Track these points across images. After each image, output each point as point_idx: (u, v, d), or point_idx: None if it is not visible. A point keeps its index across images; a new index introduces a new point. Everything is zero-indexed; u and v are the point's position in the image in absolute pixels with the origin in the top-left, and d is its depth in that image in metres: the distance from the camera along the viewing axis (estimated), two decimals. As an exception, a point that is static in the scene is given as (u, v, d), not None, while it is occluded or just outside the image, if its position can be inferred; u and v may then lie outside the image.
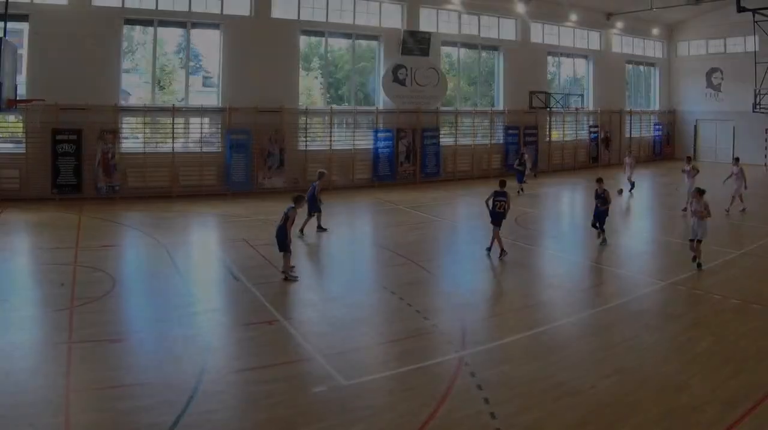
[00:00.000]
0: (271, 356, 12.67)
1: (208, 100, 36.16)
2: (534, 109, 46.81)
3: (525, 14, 46.12)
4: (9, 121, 32.39)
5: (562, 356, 12.88)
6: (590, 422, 10.14)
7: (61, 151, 30.95)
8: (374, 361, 12.88)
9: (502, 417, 10.19)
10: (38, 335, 13.67)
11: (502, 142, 45.75)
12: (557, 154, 49.28)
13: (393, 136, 40.10)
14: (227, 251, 21.85)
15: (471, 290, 18.18)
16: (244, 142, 34.90)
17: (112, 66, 32.68)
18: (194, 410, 10.26)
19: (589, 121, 51.65)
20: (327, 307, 16.15)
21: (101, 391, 10.90)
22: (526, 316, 15.50)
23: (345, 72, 42.24)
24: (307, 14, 37.89)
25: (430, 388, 11.28)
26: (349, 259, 22.24)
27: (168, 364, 12.22)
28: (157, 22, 34.09)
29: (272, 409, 10.44)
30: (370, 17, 40.24)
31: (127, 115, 33.73)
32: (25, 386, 10.88)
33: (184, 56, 35.95)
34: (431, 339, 13.92)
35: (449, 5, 42.94)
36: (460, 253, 22.80)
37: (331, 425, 10.01)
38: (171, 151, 33.81)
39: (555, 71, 50.97)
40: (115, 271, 18.87)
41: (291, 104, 36.84)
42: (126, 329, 14.37)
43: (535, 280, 19.33)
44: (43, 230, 25.03)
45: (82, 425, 9.78)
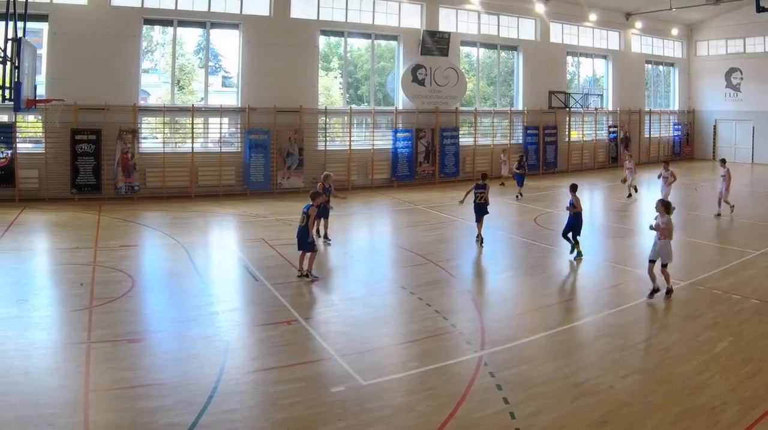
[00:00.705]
0: (290, 356, 12.52)
1: (227, 100, 35.84)
2: (553, 109, 46.19)
3: (544, 14, 45.42)
4: (28, 121, 32.19)
5: (581, 356, 12.82)
6: (609, 422, 10.02)
7: (80, 151, 30.55)
8: (393, 361, 12.72)
9: (521, 417, 10.10)
10: (57, 335, 13.49)
11: (522, 142, 45.20)
12: (576, 154, 48.46)
13: (412, 136, 39.47)
14: (246, 251, 21.54)
15: (490, 290, 18.09)
16: (263, 142, 34.44)
17: (132, 66, 32.33)
18: (213, 410, 10.19)
19: (609, 121, 50.84)
20: (346, 307, 15.92)
21: (120, 391, 10.80)
22: (545, 316, 15.32)
23: (364, 72, 41.80)
24: (326, 14, 37.39)
25: (449, 388, 11.16)
26: (368, 259, 21.82)
27: (187, 364, 12.07)
28: (176, 22, 33.73)
29: (291, 409, 10.34)
30: (390, 17, 39.68)
31: (147, 115, 33.49)
32: (44, 386, 10.80)
33: (204, 56, 35.60)
34: (450, 339, 13.75)
35: (468, 5, 42.30)
36: (479, 253, 22.31)
37: (350, 425, 9.91)
38: (190, 151, 33.41)
39: (574, 71, 50.26)
40: (134, 271, 18.68)
41: (310, 104, 36.40)
42: (145, 329, 14.19)
43: (553, 280, 18.96)
44: (62, 230, 24.74)
45: (101, 425, 9.68)
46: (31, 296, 16.05)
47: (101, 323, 13.96)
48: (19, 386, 10.73)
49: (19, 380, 11.00)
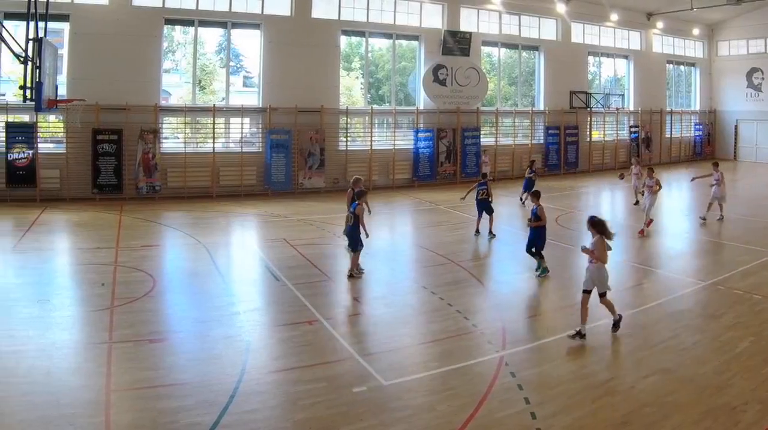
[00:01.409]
0: (312, 356, 12.38)
1: (248, 100, 35.45)
2: (574, 109, 45.39)
3: (565, 14, 44.66)
4: (49, 121, 31.88)
5: (602, 356, 12.75)
6: (630, 422, 9.90)
7: (101, 151, 30.22)
8: (414, 361, 12.54)
9: (542, 417, 10.01)
10: (79, 335, 13.30)
11: (543, 142, 44.49)
12: (597, 154, 47.72)
13: (433, 136, 38.88)
14: (267, 251, 21.16)
15: (511, 290, 17.66)
16: (285, 142, 33.98)
17: (153, 66, 31.96)
18: (234, 410, 10.12)
19: (630, 121, 50.07)
20: (367, 307, 15.82)
21: (141, 391, 10.72)
22: (566, 316, 14.96)
23: (385, 72, 41.22)
24: (347, 14, 36.90)
25: (470, 388, 11.04)
26: (390, 259, 21.14)
27: (208, 364, 11.94)
28: (197, 22, 33.34)
29: (312, 409, 10.25)
30: (411, 17, 39.10)
31: (168, 115, 33.08)
32: (66, 386, 10.73)
33: (225, 56, 35.13)
34: (471, 339, 13.58)
35: (490, 5, 41.62)
36: (500, 253, 22.05)
37: (372, 425, 9.82)
38: (211, 151, 33.02)
39: (595, 71, 49.48)
40: (156, 271, 18.45)
41: (331, 104, 35.91)
42: (166, 329, 14.04)
43: (575, 280, 17.96)
44: (83, 230, 24.45)
45: (122, 425, 9.63)
46: (53, 295, 15.86)
47: (122, 323, 13.82)
48: (40, 386, 10.63)
49: (40, 380, 10.88)
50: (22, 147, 29.01)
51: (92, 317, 14.32)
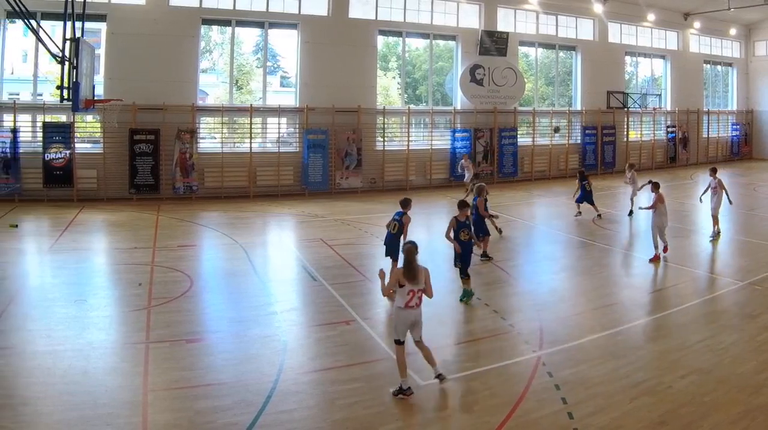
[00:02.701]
0: (349, 356, 12.12)
1: (285, 99, 34.72)
2: (611, 109, 43.82)
3: (603, 14, 43.17)
4: (87, 121, 31.49)
5: (639, 356, 12.22)
6: (667, 422, 9.61)
7: (138, 151, 29.61)
8: (451, 361, 12.04)
9: (579, 417, 9.73)
10: (116, 335, 13.02)
11: (580, 142, 43.03)
12: (635, 154, 45.76)
13: (470, 136, 37.79)
14: (304, 251, 20.62)
15: (548, 290, 17.06)
16: (322, 142, 33.13)
17: (190, 66, 31.33)
18: (271, 410, 9.89)
19: (667, 121, 48.46)
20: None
21: (178, 391, 10.50)
22: (603, 316, 14.62)
23: (422, 72, 40.15)
24: (384, 14, 35.96)
25: (507, 388, 10.80)
26: (426, 259, 19.86)
27: (245, 364, 11.67)
28: (234, 22, 32.75)
29: (349, 409, 10.01)
30: (448, 17, 38.02)
31: (205, 115, 32.55)
32: (103, 386, 10.51)
33: (262, 56, 34.47)
34: (508, 339, 13.23)
35: (527, 5, 40.34)
36: (537, 253, 21.49)
37: (408, 425, 9.71)
38: (248, 151, 32.21)
39: (632, 71, 47.88)
40: (192, 271, 18.08)
41: (368, 104, 34.96)
42: (203, 329, 13.73)
43: (612, 280, 18.11)
44: (120, 230, 23.93)
45: (159, 425, 9.40)
46: (90, 296, 15.57)
47: (159, 323, 13.57)
48: (77, 386, 10.43)
49: (77, 380, 10.69)
50: (59, 147, 28.50)
51: (129, 317, 14.03)
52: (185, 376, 11.04)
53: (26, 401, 9.98)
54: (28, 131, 29.21)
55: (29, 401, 9.97)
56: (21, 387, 10.51)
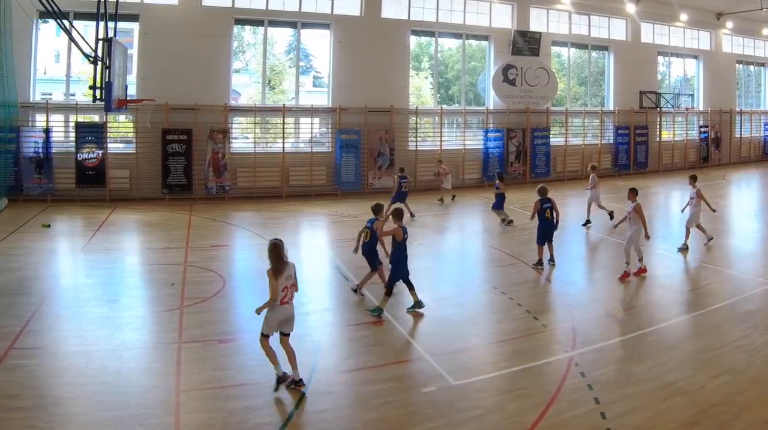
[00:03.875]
0: (381, 356, 11.84)
1: (318, 99, 33.87)
2: (644, 109, 42.24)
3: (635, 14, 41.56)
4: (119, 121, 30.80)
5: (672, 356, 11.83)
6: (700, 422, 9.36)
7: (171, 151, 28.88)
8: (484, 361, 11.91)
9: (611, 417, 9.47)
10: (148, 335, 12.76)
11: (612, 142, 41.47)
12: (667, 154, 44.55)
13: (503, 136, 36.54)
14: (337, 251, 20.03)
15: (581, 290, 16.86)
16: (354, 142, 32.22)
17: (222, 66, 30.54)
18: (304, 409, 9.72)
19: (699, 121, 46.68)
20: (437, 307, 14.63)
21: (211, 391, 10.27)
22: (636, 316, 14.27)
23: (455, 72, 38.69)
24: (417, 14, 34.83)
25: (539, 388, 10.51)
26: (459, 259, 20.34)
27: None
28: (267, 22, 31.86)
29: (382, 409, 9.79)
30: (480, 17, 36.73)
31: (237, 114, 31.64)
32: (136, 386, 10.32)
33: (295, 56, 33.49)
34: (541, 339, 12.86)
35: (559, 5, 38.87)
36: (570, 253, 20.55)
37: (441, 425, 9.35)
38: (281, 151, 31.35)
39: (665, 71, 46.21)
40: (225, 271, 17.65)
41: (401, 104, 33.94)
42: (236, 329, 13.31)
43: (644, 280, 17.24)
44: (153, 229, 23.43)
45: (191, 426, 9.21)
46: (122, 296, 15.25)
47: (192, 323, 13.26)
48: (110, 387, 10.18)
49: (110, 380, 10.43)
50: (92, 147, 27.94)
51: (162, 317, 13.76)
52: (218, 376, 10.79)
53: (58, 401, 9.74)
54: (61, 131, 28.57)
55: (61, 401, 9.74)
56: (53, 387, 10.26)
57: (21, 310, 13.61)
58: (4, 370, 10.63)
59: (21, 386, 10.08)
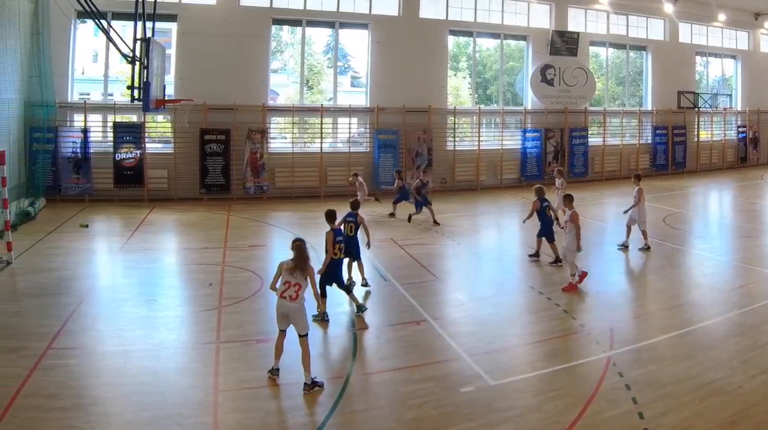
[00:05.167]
0: (419, 356, 11.52)
1: (356, 99, 32.42)
2: (682, 109, 40.18)
3: (673, 14, 39.41)
4: (157, 121, 29.76)
5: (710, 356, 11.46)
6: (738, 422, 9.06)
7: (209, 151, 27.79)
8: (522, 361, 11.63)
9: (649, 417, 9.19)
10: (186, 335, 12.49)
11: (651, 142, 39.56)
12: (705, 154, 42.44)
13: (541, 136, 34.88)
14: (375, 251, 18.64)
15: (619, 290, 16.17)
16: (392, 142, 30.86)
17: (260, 66, 29.34)
18: (342, 410, 9.49)
19: (737, 121, 44.43)
20: (474, 307, 14.44)
21: (249, 391, 10.03)
22: (674, 316, 13.83)
23: (493, 72, 36.97)
24: (455, 14, 33.26)
25: (577, 388, 10.24)
26: (497, 259, 19.61)
27: (316, 364, 10.73)
28: (305, 22, 30.60)
29: (420, 409, 9.55)
30: (519, 17, 35.05)
31: (275, 115, 30.52)
32: (174, 386, 10.10)
33: (332, 56, 32.19)
34: (579, 339, 12.52)
35: (597, 5, 36.92)
36: (608, 253, 19.80)
37: (479, 425, 9.11)
38: (319, 151, 30.16)
39: (703, 71, 44.01)
40: (263, 271, 16.86)
41: (439, 104, 32.44)
42: (273, 329, 12.10)
43: (682, 280, 17.03)
44: (190, 229, 22.71)
45: (229, 425, 9.03)
46: (160, 296, 14.94)
47: (230, 323, 12.95)
48: (148, 387, 9.98)
49: (148, 380, 10.22)
50: (130, 147, 27.03)
51: (200, 317, 13.43)
52: (256, 376, 10.51)
53: (96, 401, 9.54)
54: (99, 131, 27.65)
55: (99, 401, 9.55)
56: (91, 387, 10.04)
57: (59, 310, 13.26)
58: (42, 370, 10.36)
59: (59, 385, 9.81)
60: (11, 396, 9.39)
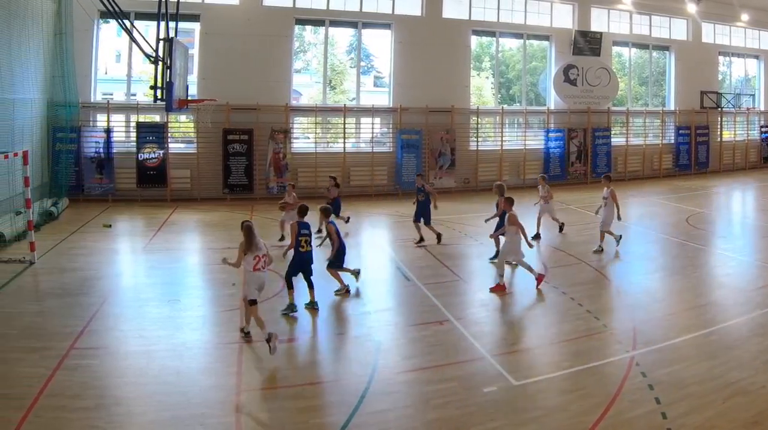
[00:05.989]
0: (442, 356, 11.25)
1: (379, 99, 31.56)
2: (705, 109, 38.96)
3: (696, 14, 38.11)
4: (180, 121, 28.96)
5: (733, 356, 11.10)
6: (761, 422, 8.77)
7: (232, 151, 27.08)
8: (545, 361, 11.31)
9: (672, 417, 8.90)
10: (209, 335, 12.23)
11: (674, 142, 38.28)
12: (728, 154, 41.08)
13: (564, 136, 33.81)
14: (398, 251, 18.97)
15: (642, 289, 15.57)
16: (415, 142, 29.98)
17: (283, 66, 28.58)
18: (365, 410, 9.20)
19: (761, 121, 42.94)
20: (498, 307, 14.12)
21: (271, 391, 9.93)
22: (697, 316, 13.41)
23: (516, 72, 35.94)
24: (478, 14, 32.21)
25: (600, 388, 9.91)
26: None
27: (338, 364, 11.07)
28: (328, 22, 29.73)
29: (443, 409, 9.26)
30: (541, 17, 33.94)
31: (298, 114, 29.67)
32: (196, 386, 9.86)
33: (355, 56, 31.35)
34: (602, 339, 12.16)
35: (620, 5, 35.75)
36: (631, 253, 19.10)
37: (502, 425, 8.83)
38: (342, 151, 29.37)
39: (726, 71, 42.64)
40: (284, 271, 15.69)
41: (462, 104, 31.49)
42: (296, 329, 12.72)
43: (705, 280, 16.65)
44: (213, 229, 22.15)
45: (252, 425, 8.82)
46: (183, 295, 14.60)
47: (252, 323, 12.04)
48: (171, 386, 9.78)
49: (171, 380, 10.02)
50: (153, 147, 26.41)
51: (222, 317, 13.12)
52: (278, 376, 10.44)
53: (119, 401, 9.38)
54: (122, 131, 27.08)
55: (122, 401, 9.39)
56: (114, 387, 9.83)
57: (82, 310, 13.01)
58: (65, 370, 10.15)
59: (82, 386, 9.61)
60: (34, 396, 9.17)
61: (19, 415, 8.65)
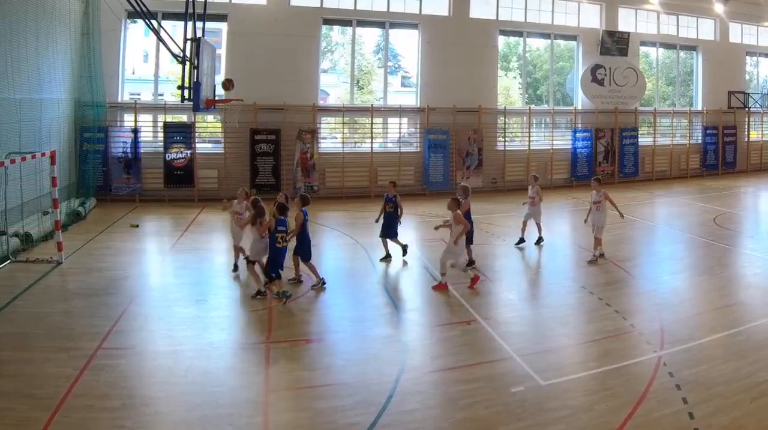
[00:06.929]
0: (470, 356, 10.88)
1: (406, 99, 30.56)
2: (732, 109, 37.54)
3: (723, 14, 36.73)
4: (207, 121, 28.23)
5: (761, 356, 10.63)
6: None
7: (259, 151, 26.30)
8: (572, 361, 10.96)
9: (699, 417, 8.54)
10: (236, 335, 11.93)
11: (701, 142, 36.94)
12: (755, 154, 39.58)
13: (591, 136, 32.56)
14: (425, 251, 18.29)
15: (669, 289, 15.10)
16: (443, 142, 28.99)
17: (311, 66, 27.72)
18: (392, 409, 8.89)
19: (788, 122, 41.52)
20: (525, 307, 14.07)
21: (299, 391, 9.59)
22: (725, 316, 12.96)
23: (543, 72, 34.76)
24: (505, 14, 31.13)
25: (628, 388, 9.53)
26: (547, 259, 18.31)
27: (366, 364, 10.58)
28: (355, 22, 28.92)
29: (470, 409, 8.94)
30: (569, 17, 32.75)
31: (326, 114, 28.75)
32: (224, 386, 9.56)
33: (383, 56, 30.34)
34: (629, 339, 11.76)
35: (648, 5, 34.47)
36: (658, 253, 18.93)
37: (529, 425, 8.48)
38: (369, 151, 28.48)
39: (753, 71, 41.10)
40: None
41: (489, 104, 30.39)
42: (323, 329, 12.57)
43: (732, 279, 15.96)
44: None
45: (280, 425, 8.54)
46: (210, 295, 14.21)
47: (280, 323, 12.42)
48: (199, 386, 9.49)
49: (198, 380, 9.74)
50: (180, 147, 25.76)
51: (250, 317, 12.85)
52: (306, 376, 10.15)
53: (147, 401, 9.12)
54: (149, 131, 26.36)
55: (150, 401, 9.13)
56: (142, 387, 9.62)
57: (110, 310, 12.79)
58: (93, 370, 9.93)
59: (110, 385, 9.42)
60: (62, 396, 8.92)
61: (47, 415, 8.39)
